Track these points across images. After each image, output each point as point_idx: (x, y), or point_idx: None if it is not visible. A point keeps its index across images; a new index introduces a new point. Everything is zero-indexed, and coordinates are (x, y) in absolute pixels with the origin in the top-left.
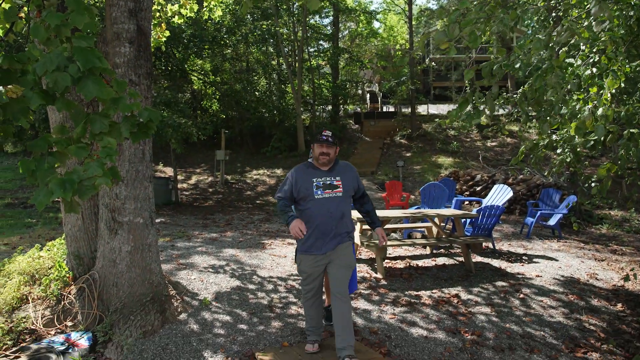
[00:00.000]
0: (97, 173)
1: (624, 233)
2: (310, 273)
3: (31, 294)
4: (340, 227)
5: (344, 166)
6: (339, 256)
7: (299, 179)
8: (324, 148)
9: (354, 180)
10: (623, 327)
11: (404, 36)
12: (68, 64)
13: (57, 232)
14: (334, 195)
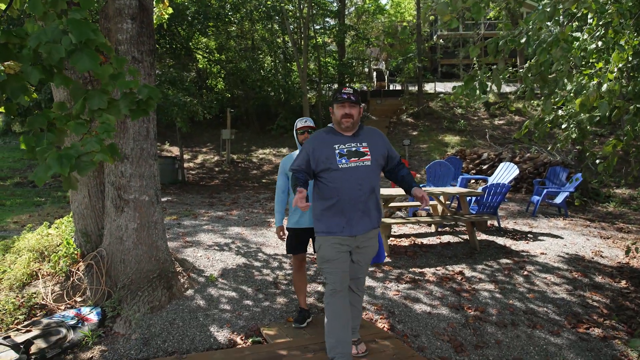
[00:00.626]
0: (95, 148)
1: (631, 211)
2: (336, 259)
3: (41, 271)
4: (370, 203)
5: (369, 131)
6: (367, 248)
7: (318, 147)
8: (346, 108)
9: (383, 146)
10: (626, 304)
11: (411, 12)
12: (62, 36)
13: (65, 210)
14: (361, 164)
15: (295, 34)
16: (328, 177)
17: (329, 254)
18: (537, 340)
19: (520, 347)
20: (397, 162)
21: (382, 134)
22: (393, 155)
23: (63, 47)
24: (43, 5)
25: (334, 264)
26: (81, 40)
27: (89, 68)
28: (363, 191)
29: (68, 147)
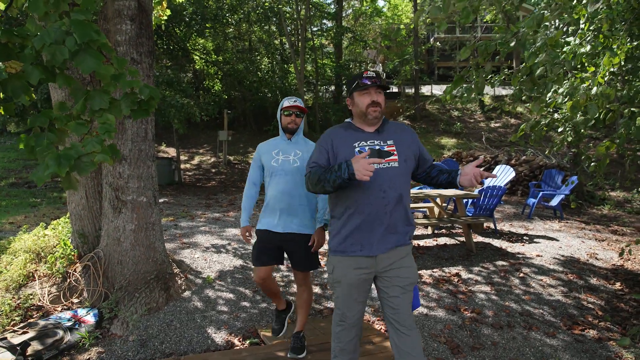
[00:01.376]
0: (96, 149)
1: (625, 214)
2: (351, 284)
3: (37, 272)
4: (396, 214)
5: (396, 126)
6: (397, 269)
7: (336, 142)
8: (372, 95)
9: (413, 145)
10: (621, 306)
11: (408, 15)
12: (66, 37)
13: (62, 211)
14: (386, 166)
15: (293, 36)
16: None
17: (342, 278)
18: (533, 341)
19: (516, 348)
20: (430, 165)
21: (412, 131)
22: (426, 156)
23: (67, 49)
24: (44, 5)
25: (347, 290)
26: (84, 41)
27: (93, 69)
28: (387, 199)
29: (68, 147)
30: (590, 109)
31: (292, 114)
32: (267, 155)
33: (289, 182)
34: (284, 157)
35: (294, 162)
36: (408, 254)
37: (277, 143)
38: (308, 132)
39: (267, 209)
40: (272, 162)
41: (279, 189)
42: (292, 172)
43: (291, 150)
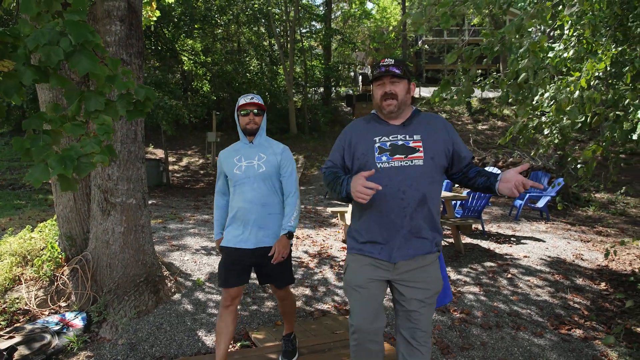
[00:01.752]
0: (95, 150)
1: (610, 215)
2: (364, 287)
3: (23, 275)
4: (419, 218)
5: (427, 119)
6: (417, 281)
7: (355, 138)
8: (386, 86)
9: (445, 140)
10: (606, 305)
11: (397, 17)
12: (60, 38)
13: (47, 214)
14: (408, 164)
15: (282, 38)
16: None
17: (355, 279)
18: (521, 341)
19: (504, 348)
20: (468, 163)
21: (447, 124)
22: (462, 153)
23: (61, 49)
24: (36, 5)
25: (360, 294)
26: (79, 41)
27: (89, 70)
28: (407, 201)
29: (67, 148)
30: (571, 113)
31: (249, 113)
32: (229, 163)
33: (256, 190)
34: (248, 163)
35: (259, 167)
36: (432, 263)
37: (238, 148)
38: (297, 134)
39: (234, 222)
40: (235, 169)
41: (247, 199)
42: (259, 179)
43: (254, 154)
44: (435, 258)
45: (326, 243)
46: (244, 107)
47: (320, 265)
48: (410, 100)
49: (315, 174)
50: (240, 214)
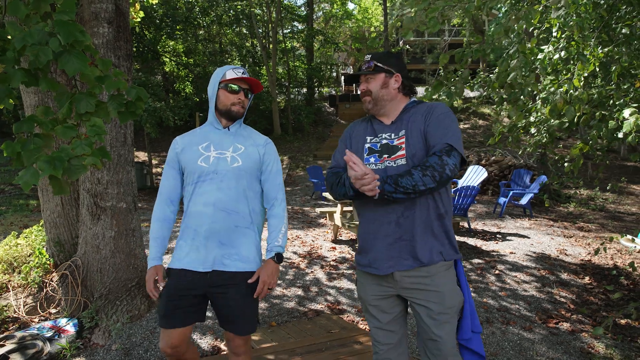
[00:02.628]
0: (86, 152)
1: (590, 211)
2: (372, 304)
3: (11, 282)
4: (409, 223)
5: (419, 109)
6: (423, 296)
7: (352, 137)
8: (362, 83)
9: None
10: (590, 299)
11: (378, 18)
12: (49, 38)
13: (30, 219)
14: (391, 165)
15: (264, 38)
16: None
17: (364, 295)
18: (511, 336)
19: (495, 343)
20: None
21: (432, 108)
22: (431, 140)
23: (50, 49)
24: (25, 7)
25: (369, 312)
26: (69, 41)
27: (79, 70)
28: (393, 206)
29: (57, 150)
30: (568, 112)
31: (239, 91)
32: (191, 152)
33: (224, 190)
34: (218, 154)
35: (233, 161)
36: (439, 274)
37: (205, 134)
38: (281, 134)
39: (188, 235)
40: (200, 161)
41: (208, 201)
42: (232, 176)
43: (229, 143)
44: (443, 268)
45: (316, 243)
46: (235, 82)
47: (310, 266)
48: (397, 93)
49: (301, 175)
50: (194, 222)
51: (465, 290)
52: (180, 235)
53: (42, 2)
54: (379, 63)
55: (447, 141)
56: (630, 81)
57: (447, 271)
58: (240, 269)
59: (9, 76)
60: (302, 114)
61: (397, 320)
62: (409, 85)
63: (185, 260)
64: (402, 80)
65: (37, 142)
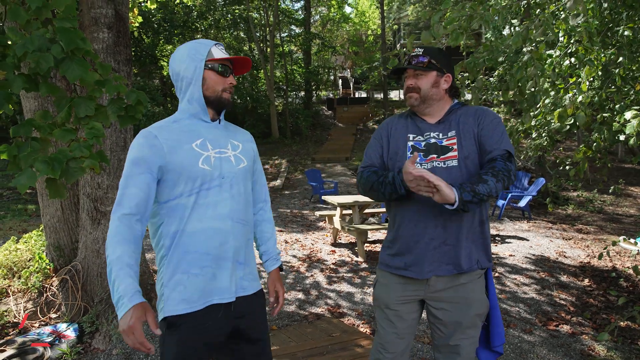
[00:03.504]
0: (84, 154)
1: (588, 213)
2: (392, 309)
3: (11, 287)
4: (454, 228)
5: (466, 111)
6: (453, 304)
7: (393, 135)
8: (409, 79)
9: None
10: (590, 301)
11: (375, 21)
12: (50, 45)
13: (29, 224)
14: (441, 166)
15: (262, 42)
16: None
17: (384, 298)
18: (512, 338)
19: None
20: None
21: (482, 111)
22: (487, 145)
23: (51, 56)
24: (26, 13)
25: (385, 315)
26: (70, 48)
27: (80, 76)
28: (440, 208)
29: (55, 153)
30: (579, 117)
31: (230, 74)
32: (184, 151)
33: (236, 198)
34: (218, 153)
35: (238, 162)
36: (473, 281)
37: (192, 127)
38: (279, 138)
39: (191, 262)
40: (201, 162)
41: (224, 214)
42: (239, 180)
43: (225, 139)
44: (476, 276)
45: (315, 247)
46: (223, 61)
47: (310, 269)
48: (444, 94)
49: (300, 178)
50: (203, 244)
51: (494, 299)
52: (174, 266)
53: (43, 8)
54: (433, 60)
55: (506, 147)
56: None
57: (479, 279)
58: (256, 289)
59: (9, 82)
60: (300, 117)
61: (410, 327)
62: (456, 87)
63: (204, 296)
64: (451, 81)
65: (35, 146)
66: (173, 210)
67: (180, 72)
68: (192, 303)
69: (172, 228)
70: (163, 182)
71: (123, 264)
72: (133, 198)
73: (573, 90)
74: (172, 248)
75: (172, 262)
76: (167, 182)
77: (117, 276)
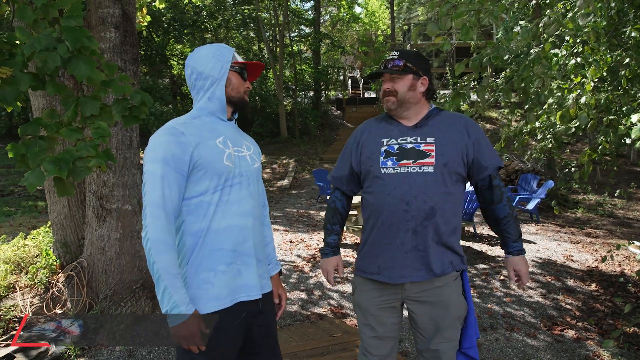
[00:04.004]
0: (90, 153)
1: (598, 216)
2: (372, 314)
3: (18, 283)
4: (425, 234)
5: (446, 118)
6: (430, 305)
7: (364, 139)
8: (386, 83)
9: (463, 143)
10: (597, 306)
11: (385, 21)
12: (57, 44)
13: (38, 221)
14: (415, 171)
15: (271, 42)
16: (368, 186)
17: (364, 303)
18: (515, 342)
19: (499, 349)
20: (487, 176)
21: (471, 123)
22: (483, 161)
23: (58, 55)
24: (33, 12)
25: (366, 320)
26: (76, 47)
27: (87, 75)
28: (412, 213)
29: (62, 152)
30: (581, 118)
31: (247, 77)
32: (208, 148)
33: (254, 196)
34: (237, 151)
35: (253, 161)
36: (449, 284)
37: (212, 125)
38: (287, 137)
39: (218, 259)
40: (225, 159)
41: (246, 211)
42: (254, 179)
43: (240, 139)
44: (451, 279)
45: (320, 247)
46: (239, 65)
47: (314, 269)
48: (421, 97)
49: (307, 178)
50: (230, 241)
51: (469, 300)
52: (197, 264)
53: (50, 7)
54: (409, 63)
55: (498, 164)
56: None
57: (455, 281)
58: (271, 287)
59: (17, 80)
60: (309, 117)
61: (393, 331)
62: (433, 90)
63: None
64: (428, 84)
65: (42, 145)
66: (196, 208)
67: (205, 71)
68: (222, 300)
69: (196, 226)
70: (188, 178)
71: (173, 273)
72: (174, 200)
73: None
74: (197, 246)
75: (195, 261)
76: (191, 178)
77: (170, 285)
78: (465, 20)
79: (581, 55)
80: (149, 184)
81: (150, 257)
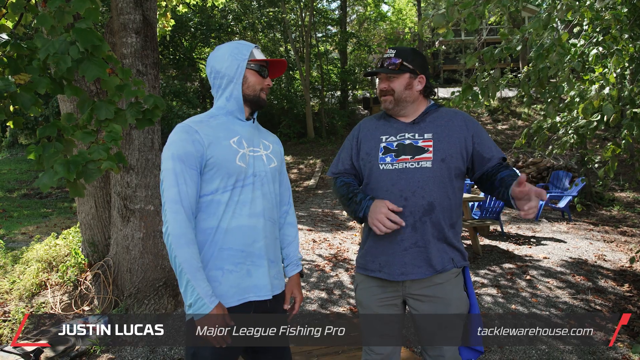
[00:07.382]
0: (102, 156)
1: (635, 214)
2: (370, 309)
3: (49, 281)
4: (425, 230)
5: (444, 115)
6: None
7: (362, 135)
8: (382, 82)
9: (463, 138)
10: (629, 307)
11: (412, 19)
12: (70, 47)
13: (72, 221)
14: (413, 167)
15: (298, 43)
16: (367, 183)
17: (365, 301)
18: (540, 344)
19: (522, 351)
20: (495, 165)
21: (469, 119)
22: (485, 153)
23: (70, 57)
24: (51, 19)
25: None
26: (86, 47)
27: (97, 76)
28: (410, 209)
29: (75, 154)
30: (606, 110)
31: (267, 75)
32: (222, 147)
33: (267, 197)
34: (252, 151)
35: (269, 161)
36: (449, 281)
37: (228, 125)
38: (314, 138)
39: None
40: (238, 159)
41: (257, 212)
42: (270, 180)
43: (257, 138)
44: (452, 275)
45: (343, 246)
46: (263, 63)
47: (335, 269)
48: (419, 95)
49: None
50: (240, 241)
51: (472, 296)
52: (205, 263)
53: (65, 13)
54: (405, 62)
55: (501, 155)
56: None
57: (456, 278)
58: (283, 288)
59: (35, 84)
60: (336, 117)
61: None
62: (430, 87)
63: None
64: (425, 82)
65: (58, 147)
66: (207, 206)
67: (222, 70)
68: (227, 299)
69: (206, 224)
70: (201, 176)
71: (195, 266)
72: (191, 196)
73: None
74: (207, 244)
75: (204, 259)
76: (203, 177)
77: (192, 278)
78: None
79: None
80: (166, 181)
81: (172, 251)
